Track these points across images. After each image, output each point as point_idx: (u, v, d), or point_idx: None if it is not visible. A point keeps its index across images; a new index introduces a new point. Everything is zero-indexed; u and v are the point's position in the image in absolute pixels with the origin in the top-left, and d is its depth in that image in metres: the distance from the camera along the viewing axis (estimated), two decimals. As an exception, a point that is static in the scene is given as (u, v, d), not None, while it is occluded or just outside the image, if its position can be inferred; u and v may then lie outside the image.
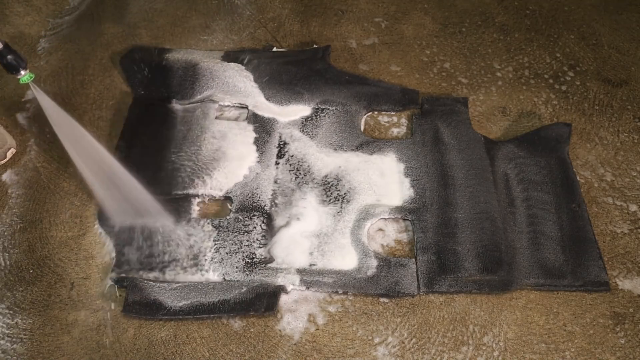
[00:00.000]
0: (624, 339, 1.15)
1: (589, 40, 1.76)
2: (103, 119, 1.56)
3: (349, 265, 1.25)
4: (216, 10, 1.88)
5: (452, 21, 1.83)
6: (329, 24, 1.83)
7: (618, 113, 1.56)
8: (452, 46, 1.75)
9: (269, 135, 1.48)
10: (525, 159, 1.43)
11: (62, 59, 1.72)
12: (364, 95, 1.56)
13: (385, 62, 1.70)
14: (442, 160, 1.41)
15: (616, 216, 1.34)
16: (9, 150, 1.45)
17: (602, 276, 1.23)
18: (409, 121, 1.54)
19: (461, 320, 1.18)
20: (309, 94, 1.56)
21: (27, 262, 1.28)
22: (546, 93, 1.61)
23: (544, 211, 1.33)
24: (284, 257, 1.25)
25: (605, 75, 1.66)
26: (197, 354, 1.14)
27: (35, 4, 1.90)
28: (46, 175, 1.44)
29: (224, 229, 1.29)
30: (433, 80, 1.64)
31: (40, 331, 1.18)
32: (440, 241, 1.27)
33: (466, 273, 1.22)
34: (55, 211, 1.37)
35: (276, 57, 1.65)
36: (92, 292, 1.23)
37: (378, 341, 1.16)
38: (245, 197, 1.36)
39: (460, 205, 1.32)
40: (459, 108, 1.52)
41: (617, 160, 1.45)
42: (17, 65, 1.05)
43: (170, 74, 1.61)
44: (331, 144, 1.46)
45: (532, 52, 1.73)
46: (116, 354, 1.15)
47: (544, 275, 1.23)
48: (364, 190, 1.37)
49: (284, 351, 1.14)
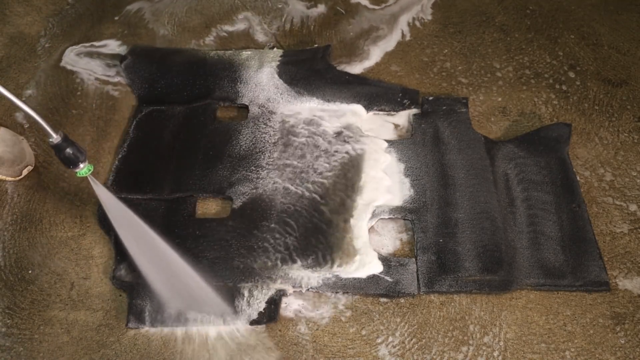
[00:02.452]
0: (624, 339, 1.15)
1: (589, 40, 1.76)
2: (103, 119, 1.56)
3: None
4: (216, 10, 1.88)
5: (452, 21, 1.83)
6: (329, 23, 1.83)
7: (618, 113, 1.56)
8: (452, 46, 1.75)
9: (270, 135, 1.48)
10: (525, 159, 1.43)
11: (61, 59, 1.72)
12: (364, 95, 1.56)
13: (385, 62, 1.70)
14: (442, 160, 1.41)
15: (616, 216, 1.34)
16: (25, 167, 1.40)
17: (602, 276, 1.23)
18: (409, 121, 1.54)
19: (461, 320, 1.18)
20: (309, 94, 1.56)
21: (27, 262, 1.28)
22: (546, 93, 1.61)
23: (544, 211, 1.33)
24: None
25: (605, 75, 1.66)
26: (197, 354, 1.14)
27: (35, 4, 1.90)
28: (46, 175, 1.44)
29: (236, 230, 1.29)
30: (433, 80, 1.64)
31: (40, 331, 1.18)
32: (440, 241, 1.27)
33: (466, 273, 1.22)
34: (55, 211, 1.37)
35: (276, 56, 1.65)
36: (92, 292, 1.23)
37: (379, 341, 1.16)
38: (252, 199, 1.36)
39: (460, 205, 1.32)
40: (459, 108, 1.52)
41: (617, 160, 1.45)
42: (76, 159, 0.96)
43: (170, 74, 1.61)
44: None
45: (532, 52, 1.73)
46: (116, 354, 1.15)
47: (544, 275, 1.23)
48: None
49: (285, 351, 1.14)
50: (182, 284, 1.16)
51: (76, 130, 1.51)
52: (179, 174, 1.40)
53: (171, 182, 1.38)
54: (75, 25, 1.83)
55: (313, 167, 1.40)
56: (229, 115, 1.56)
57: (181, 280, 1.15)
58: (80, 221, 1.35)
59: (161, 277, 1.16)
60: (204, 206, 1.38)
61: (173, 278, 1.15)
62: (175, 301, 1.17)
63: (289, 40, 1.77)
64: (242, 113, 1.57)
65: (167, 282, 1.16)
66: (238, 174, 1.39)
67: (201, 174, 1.40)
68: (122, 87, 1.64)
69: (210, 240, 1.27)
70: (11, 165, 1.36)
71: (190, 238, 1.28)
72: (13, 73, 1.69)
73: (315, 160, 1.41)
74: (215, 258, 1.24)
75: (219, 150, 1.44)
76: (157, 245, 1.13)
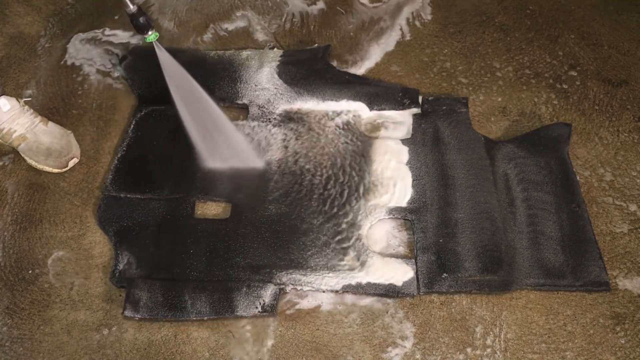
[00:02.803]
0: (624, 339, 1.15)
1: (589, 40, 1.76)
2: (103, 119, 1.56)
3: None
4: (216, 10, 1.88)
5: (452, 21, 1.83)
6: (329, 23, 1.83)
7: (618, 113, 1.56)
8: (452, 46, 1.75)
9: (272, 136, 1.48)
10: (525, 159, 1.43)
11: (61, 59, 1.72)
12: (364, 94, 1.56)
13: (385, 62, 1.70)
14: (442, 160, 1.41)
15: (616, 216, 1.34)
16: (72, 159, 1.44)
17: (602, 276, 1.23)
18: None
19: (461, 321, 1.18)
20: (309, 94, 1.56)
21: (27, 262, 1.28)
22: (546, 93, 1.61)
23: (544, 211, 1.33)
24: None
25: (605, 75, 1.66)
26: (197, 354, 1.14)
27: (35, 4, 1.90)
28: (46, 175, 1.44)
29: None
30: (433, 80, 1.64)
31: (40, 331, 1.18)
32: (440, 241, 1.27)
33: (466, 273, 1.22)
34: (55, 211, 1.37)
35: (276, 56, 1.65)
36: (92, 292, 1.23)
37: (379, 341, 1.16)
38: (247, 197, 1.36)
39: (460, 205, 1.32)
40: (459, 108, 1.52)
41: (617, 160, 1.45)
42: (147, 27, 1.22)
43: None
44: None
45: (532, 52, 1.73)
46: (116, 354, 1.15)
47: (544, 275, 1.23)
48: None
49: (284, 351, 1.14)
50: (226, 139, 1.40)
51: (76, 130, 1.51)
52: (179, 174, 1.40)
53: (171, 182, 1.39)
54: (75, 25, 1.83)
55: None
56: (229, 115, 1.56)
57: (226, 136, 1.40)
58: (80, 221, 1.35)
59: (210, 139, 1.40)
60: (203, 206, 1.38)
61: (219, 133, 1.39)
62: (216, 157, 1.41)
63: (289, 40, 1.77)
64: (242, 113, 1.57)
65: (214, 143, 1.40)
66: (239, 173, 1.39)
67: (201, 174, 1.40)
68: (123, 87, 1.64)
69: (209, 239, 1.28)
70: (58, 157, 1.41)
71: (190, 237, 1.28)
72: (13, 73, 1.69)
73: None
74: (214, 257, 1.25)
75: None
76: (211, 107, 1.36)
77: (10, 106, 1.36)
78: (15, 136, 1.38)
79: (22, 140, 1.39)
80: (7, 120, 1.37)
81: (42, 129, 1.41)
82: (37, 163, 1.42)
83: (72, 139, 1.47)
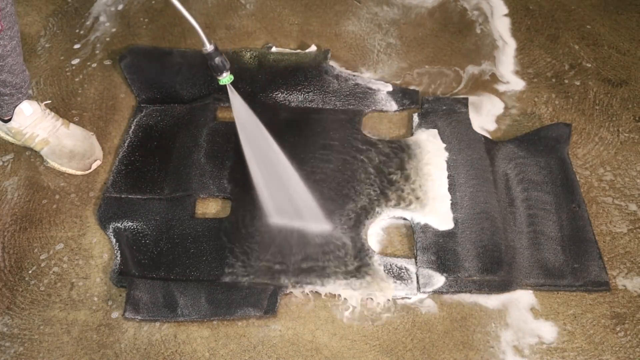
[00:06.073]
0: (624, 339, 1.15)
1: (589, 40, 1.76)
2: (103, 119, 1.56)
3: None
4: (216, 10, 1.88)
5: (452, 21, 1.83)
6: (329, 23, 1.83)
7: (618, 113, 1.56)
8: (452, 46, 1.75)
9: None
10: (525, 159, 1.43)
11: (61, 59, 1.72)
12: (363, 94, 1.56)
13: (386, 61, 1.70)
14: (442, 160, 1.41)
15: (616, 216, 1.34)
16: (94, 162, 1.43)
17: (602, 276, 1.23)
18: (409, 121, 1.54)
19: (461, 321, 1.18)
20: (309, 94, 1.56)
21: (27, 262, 1.28)
22: (547, 93, 1.61)
23: (544, 211, 1.33)
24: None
25: (605, 75, 1.66)
26: (197, 354, 1.14)
27: (35, 4, 1.90)
28: (46, 175, 1.44)
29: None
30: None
31: (40, 331, 1.18)
32: (440, 241, 1.27)
33: (466, 273, 1.22)
34: (55, 211, 1.37)
35: (276, 57, 1.65)
36: (92, 292, 1.23)
37: (379, 342, 1.16)
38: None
39: (460, 205, 1.32)
40: (459, 108, 1.52)
41: (617, 160, 1.45)
42: (223, 68, 1.13)
43: (170, 74, 1.61)
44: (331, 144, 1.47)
45: (532, 51, 1.73)
46: (116, 354, 1.15)
47: (544, 275, 1.23)
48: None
49: (284, 351, 1.14)
50: (295, 198, 1.29)
51: (76, 130, 1.51)
52: (179, 173, 1.40)
53: (171, 182, 1.39)
54: (75, 25, 1.83)
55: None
56: (229, 116, 1.56)
57: (294, 190, 1.29)
58: (80, 221, 1.35)
59: (275, 184, 1.29)
60: (203, 206, 1.38)
61: (287, 186, 1.29)
62: (280, 213, 1.29)
63: (289, 40, 1.77)
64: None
65: (280, 189, 1.29)
66: (238, 173, 1.39)
67: (201, 174, 1.40)
68: (123, 87, 1.64)
69: (209, 239, 1.28)
70: (81, 159, 1.41)
71: (190, 237, 1.28)
72: (13, 73, 1.69)
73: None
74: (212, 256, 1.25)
75: (219, 150, 1.44)
76: (280, 160, 1.27)
77: (32, 110, 1.36)
78: (37, 140, 1.39)
79: (45, 144, 1.39)
80: (29, 125, 1.37)
81: (65, 132, 1.41)
82: (60, 166, 1.41)
83: (94, 141, 1.46)
